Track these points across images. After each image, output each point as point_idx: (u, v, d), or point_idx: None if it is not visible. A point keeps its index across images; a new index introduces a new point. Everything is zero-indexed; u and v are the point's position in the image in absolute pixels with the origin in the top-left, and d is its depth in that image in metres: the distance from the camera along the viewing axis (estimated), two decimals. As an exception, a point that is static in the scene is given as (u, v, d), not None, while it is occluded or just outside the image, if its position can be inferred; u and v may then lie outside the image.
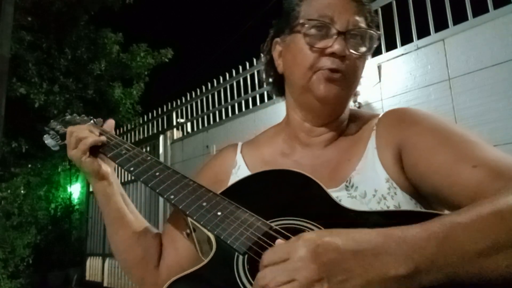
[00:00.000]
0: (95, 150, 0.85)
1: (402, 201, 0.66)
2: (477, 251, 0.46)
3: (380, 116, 0.77)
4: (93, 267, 7.30)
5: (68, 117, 1.03)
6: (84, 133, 0.84)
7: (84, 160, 0.82)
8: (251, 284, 0.55)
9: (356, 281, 0.45)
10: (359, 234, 0.49)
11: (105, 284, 6.74)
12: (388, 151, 0.70)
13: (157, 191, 0.72)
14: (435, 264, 0.46)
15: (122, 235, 0.85)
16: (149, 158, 0.80)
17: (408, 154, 0.67)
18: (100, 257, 6.99)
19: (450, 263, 0.46)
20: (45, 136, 1.00)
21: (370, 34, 0.72)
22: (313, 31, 0.71)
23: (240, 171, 0.83)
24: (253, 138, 0.92)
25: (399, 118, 0.73)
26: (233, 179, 0.83)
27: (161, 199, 5.45)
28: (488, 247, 0.46)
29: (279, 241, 0.53)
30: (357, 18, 0.71)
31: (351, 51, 0.70)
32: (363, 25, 0.72)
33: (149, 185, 0.74)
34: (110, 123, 0.96)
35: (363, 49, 0.72)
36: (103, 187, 0.85)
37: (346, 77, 0.71)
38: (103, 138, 0.85)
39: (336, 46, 0.69)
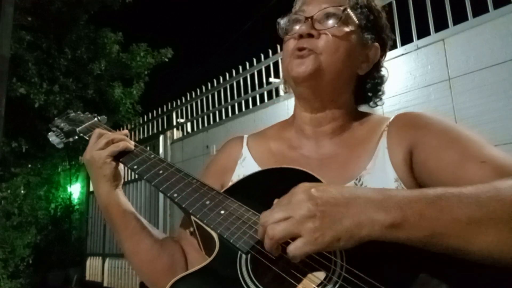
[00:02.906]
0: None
1: None
2: (467, 217, 0.48)
3: (391, 118, 0.78)
4: (93, 267, 7.30)
5: (72, 114, 1.03)
6: (115, 135, 0.81)
7: (109, 162, 0.78)
8: (253, 282, 0.55)
9: (346, 222, 0.49)
10: (354, 187, 0.54)
11: (105, 284, 6.74)
12: (399, 152, 0.71)
13: (161, 189, 0.72)
14: (424, 219, 0.48)
15: (146, 243, 0.78)
16: (152, 156, 0.80)
17: (418, 152, 0.69)
18: (100, 257, 6.99)
19: (438, 222, 0.48)
20: (49, 133, 1.00)
21: (332, 11, 0.75)
22: (289, 25, 0.80)
23: (246, 162, 0.84)
24: (259, 131, 0.92)
25: (411, 120, 0.75)
26: (238, 169, 0.83)
27: (161, 199, 5.45)
28: (480, 216, 0.48)
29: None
30: (324, 4, 0.77)
31: (317, 28, 0.75)
32: (326, 6, 0.76)
33: (153, 183, 0.74)
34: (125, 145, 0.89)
35: (329, 23, 0.75)
36: (117, 197, 0.80)
37: (318, 53, 0.74)
38: (133, 143, 0.83)
39: (301, 28, 0.76)
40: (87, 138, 0.90)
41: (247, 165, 0.83)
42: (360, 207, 0.50)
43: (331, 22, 0.75)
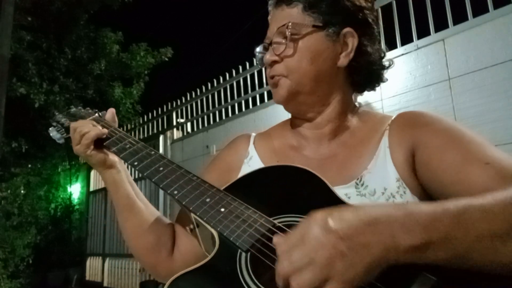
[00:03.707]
0: (99, 143, 0.86)
1: (411, 201, 0.67)
2: (491, 233, 0.47)
3: (393, 117, 0.77)
4: (93, 267, 7.30)
5: (73, 110, 1.04)
6: (86, 127, 0.85)
7: (90, 154, 0.84)
8: (253, 281, 0.55)
9: (374, 252, 0.44)
10: (370, 207, 0.49)
11: (105, 284, 6.73)
12: (400, 151, 0.71)
13: (161, 186, 0.72)
14: (449, 239, 0.46)
15: (133, 221, 0.85)
16: (153, 152, 0.80)
17: (420, 153, 0.68)
18: (100, 257, 6.99)
19: (464, 242, 0.46)
20: (50, 129, 1.00)
21: (280, 32, 0.76)
22: (262, 54, 0.82)
23: (252, 161, 0.84)
24: (266, 130, 0.93)
25: (413, 120, 0.74)
26: (245, 168, 0.84)
27: (161, 199, 5.45)
28: (503, 231, 0.47)
29: (277, 236, 0.51)
30: (276, 25, 0.77)
31: (278, 51, 0.76)
32: (276, 27, 0.77)
33: (153, 180, 0.73)
34: (111, 112, 0.98)
35: (282, 47, 0.75)
36: (112, 175, 0.87)
37: (287, 76, 0.77)
38: (105, 130, 0.87)
39: (265, 58, 0.79)
40: None
41: (253, 164, 0.83)
42: (383, 231, 0.46)
43: (283, 42, 0.75)
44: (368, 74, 0.80)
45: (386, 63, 0.82)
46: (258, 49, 0.83)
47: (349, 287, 0.44)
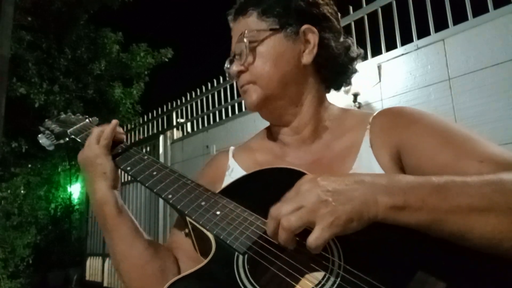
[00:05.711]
0: None
1: None
2: (469, 206, 0.49)
3: (374, 114, 0.76)
4: (93, 267, 7.30)
5: (62, 116, 1.03)
6: (103, 127, 0.82)
7: (108, 157, 0.78)
8: (251, 283, 0.55)
9: (356, 203, 0.50)
10: (357, 174, 0.55)
11: (105, 284, 6.73)
12: (385, 151, 0.69)
13: (155, 191, 0.71)
14: (425, 205, 0.50)
15: (139, 248, 0.74)
16: (146, 157, 0.79)
17: (409, 156, 0.67)
18: (100, 257, 6.99)
19: (440, 209, 0.49)
20: (39, 135, 0.99)
21: (239, 41, 0.77)
22: (230, 67, 0.81)
23: (234, 173, 0.83)
24: (243, 143, 0.92)
25: (395, 118, 0.72)
26: (227, 180, 0.82)
27: (161, 199, 5.44)
28: (481, 207, 0.49)
29: None
30: (235, 35, 0.78)
31: (242, 61, 0.77)
32: (235, 37, 0.78)
33: (146, 185, 0.73)
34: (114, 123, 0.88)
35: (244, 56, 0.76)
36: (115, 197, 0.77)
37: (256, 83, 0.77)
38: (120, 130, 0.83)
39: (232, 69, 0.79)
40: (78, 140, 0.89)
41: (235, 175, 0.81)
42: (365, 190, 0.51)
43: (244, 51, 0.76)
44: (335, 67, 0.79)
45: (353, 54, 0.80)
46: (226, 64, 0.82)
47: (332, 230, 0.49)
